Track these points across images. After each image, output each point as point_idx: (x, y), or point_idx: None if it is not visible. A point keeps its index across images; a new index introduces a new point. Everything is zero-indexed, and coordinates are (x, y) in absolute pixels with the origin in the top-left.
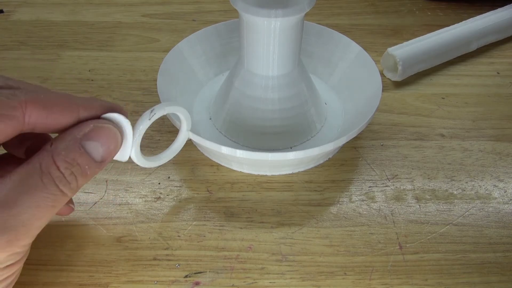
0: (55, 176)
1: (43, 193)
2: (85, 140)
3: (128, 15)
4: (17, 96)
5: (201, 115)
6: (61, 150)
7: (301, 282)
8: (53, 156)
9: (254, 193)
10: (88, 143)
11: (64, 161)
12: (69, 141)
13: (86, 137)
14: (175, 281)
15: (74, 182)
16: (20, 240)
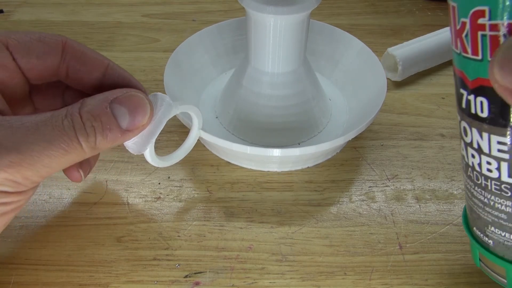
0: (75, 122)
1: (60, 132)
2: (115, 103)
3: (128, 15)
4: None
5: (207, 114)
6: (89, 104)
7: (301, 282)
8: (80, 107)
9: (254, 193)
10: (116, 106)
11: (88, 113)
12: (100, 100)
13: (116, 100)
14: (175, 281)
15: (92, 136)
16: (23, 167)
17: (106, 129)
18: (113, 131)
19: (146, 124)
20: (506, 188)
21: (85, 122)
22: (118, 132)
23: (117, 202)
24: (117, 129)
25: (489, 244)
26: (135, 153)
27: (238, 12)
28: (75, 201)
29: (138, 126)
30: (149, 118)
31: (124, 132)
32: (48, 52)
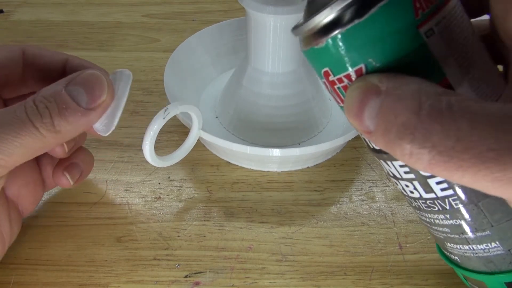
0: (27, 107)
1: (12, 117)
2: (70, 85)
3: (128, 15)
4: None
5: (207, 114)
6: (43, 91)
7: (301, 282)
8: (35, 95)
9: (254, 193)
10: (72, 87)
11: (42, 97)
12: (54, 84)
13: (71, 82)
14: (175, 281)
15: (47, 117)
16: None
17: (62, 109)
18: (71, 111)
19: (109, 101)
20: (431, 203)
21: (38, 104)
22: (78, 111)
23: (117, 202)
24: (76, 108)
25: (457, 261)
26: (105, 134)
27: (238, 12)
28: (75, 201)
29: (99, 103)
30: (109, 94)
31: (85, 111)
32: (10, 60)
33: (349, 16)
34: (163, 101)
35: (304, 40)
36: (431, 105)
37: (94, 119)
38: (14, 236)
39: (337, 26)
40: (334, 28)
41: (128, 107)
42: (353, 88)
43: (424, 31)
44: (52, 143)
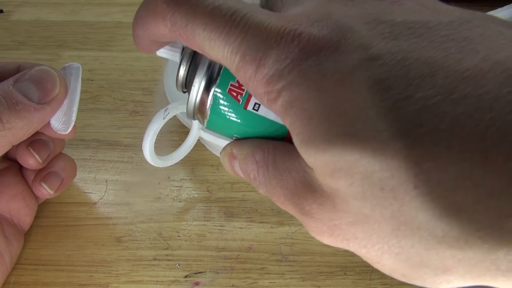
0: None
1: None
2: (19, 82)
3: (128, 15)
4: None
5: None
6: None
7: (301, 282)
8: None
9: (254, 193)
10: (21, 83)
11: None
12: (2, 83)
13: (20, 78)
14: (175, 281)
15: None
16: None
17: (11, 104)
18: (22, 105)
19: (62, 94)
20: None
21: None
22: (29, 106)
23: (117, 202)
24: (28, 103)
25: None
26: (66, 132)
27: None
28: (75, 201)
29: (52, 97)
30: (62, 87)
31: (38, 106)
32: None
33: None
34: (163, 101)
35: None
36: (261, 162)
37: (49, 114)
38: (16, 250)
39: (201, 120)
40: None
41: (128, 107)
42: (222, 156)
43: (251, 108)
44: (4, 142)
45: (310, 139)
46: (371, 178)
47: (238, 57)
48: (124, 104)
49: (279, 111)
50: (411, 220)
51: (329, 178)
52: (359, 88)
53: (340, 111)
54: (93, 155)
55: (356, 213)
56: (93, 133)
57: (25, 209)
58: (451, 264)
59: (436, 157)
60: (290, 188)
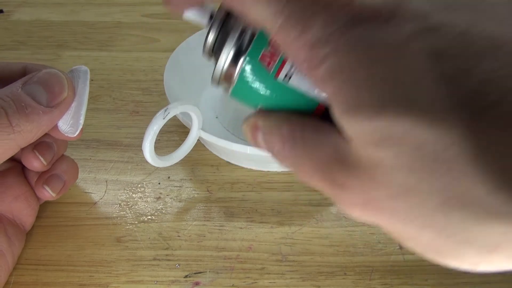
0: None
1: None
2: (27, 84)
3: (128, 15)
4: None
5: (207, 114)
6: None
7: (301, 282)
8: None
9: (254, 193)
10: (29, 86)
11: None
12: (10, 86)
13: (28, 81)
14: (175, 281)
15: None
16: None
17: (21, 107)
18: (31, 108)
19: (70, 98)
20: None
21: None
22: (38, 109)
23: (117, 202)
24: (36, 106)
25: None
26: (74, 134)
27: None
28: (75, 201)
29: (60, 100)
30: (70, 91)
31: (47, 110)
32: None
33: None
34: (163, 101)
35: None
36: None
37: (57, 117)
38: (18, 250)
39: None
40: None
41: (128, 107)
42: (244, 126)
43: (281, 78)
44: (13, 145)
45: (358, 107)
46: (423, 149)
47: (282, 18)
48: (124, 104)
49: (321, 78)
50: (465, 193)
51: (372, 148)
52: (417, 57)
53: (394, 79)
54: (93, 155)
55: (398, 186)
56: (93, 133)
57: (27, 210)
58: (500, 242)
59: (500, 130)
60: (321, 161)
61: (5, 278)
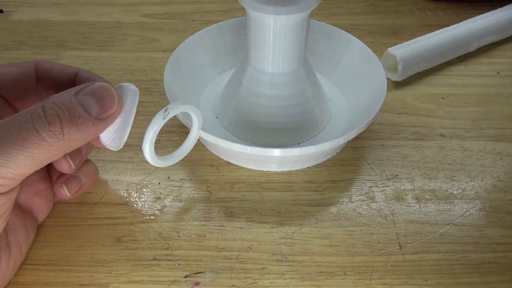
0: (34, 115)
1: (15, 129)
2: (80, 94)
3: (128, 15)
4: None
5: (207, 114)
6: (53, 97)
7: (301, 282)
8: (43, 102)
9: (254, 193)
10: (82, 96)
11: (52, 103)
12: (64, 93)
13: (81, 91)
14: (175, 281)
15: (56, 125)
16: None
17: (74, 117)
18: (83, 119)
19: (117, 113)
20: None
21: (48, 111)
22: (88, 120)
23: (117, 202)
24: (87, 118)
25: None
26: (116, 149)
27: (238, 12)
28: (75, 201)
29: (109, 114)
30: (118, 106)
31: (95, 121)
32: (24, 75)
33: None
34: (163, 101)
35: None
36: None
37: (102, 130)
38: (31, 242)
39: None
40: None
41: None
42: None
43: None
44: (60, 151)
45: None
46: None
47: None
48: None
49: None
50: None
51: None
52: None
53: None
54: (93, 155)
55: None
56: None
57: (44, 205)
58: None
59: None
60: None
61: (16, 270)
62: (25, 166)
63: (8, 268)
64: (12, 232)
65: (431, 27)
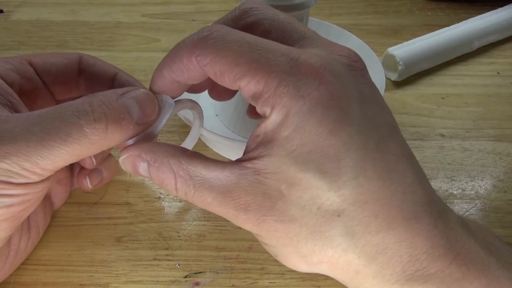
0: (81, 110)
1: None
2: (124, 97)
3: (128, 15)
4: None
5: (207, 112)
6: (99, 95)
7: (301, 282)
8: (90, 98)
9: None
10: (127, 100)
11: (100, 101)
12: (110, 92)
13: (125, 94)
14: (175, 281)
15: (101, 123)
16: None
17: (119, 118)
18: (126, 121)
19: (154, 121)
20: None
21: (96, 108)
22: (130, 123)
23: (117, 202)
24: (130, 120)
25: None
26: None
27: None
28: (75, 201)
29: (148, 121)
30: (157, 114)
31: (135, 125)
32: (67, 66)
33: None
34: None
35: None
36: (181, 177)
37: (136, 135)
38: (46, 225)
39: None
40: None
41: None
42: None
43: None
44: (98, 149)
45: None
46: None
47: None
48: None
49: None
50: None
51: (288, 186)
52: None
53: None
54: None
55: (289, 215)
56: None
57: (62, 193)
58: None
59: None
60: (223, 190)
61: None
62: (64, 159)
63: (26, 249)
64: (33, 215)
65: (431, 27)
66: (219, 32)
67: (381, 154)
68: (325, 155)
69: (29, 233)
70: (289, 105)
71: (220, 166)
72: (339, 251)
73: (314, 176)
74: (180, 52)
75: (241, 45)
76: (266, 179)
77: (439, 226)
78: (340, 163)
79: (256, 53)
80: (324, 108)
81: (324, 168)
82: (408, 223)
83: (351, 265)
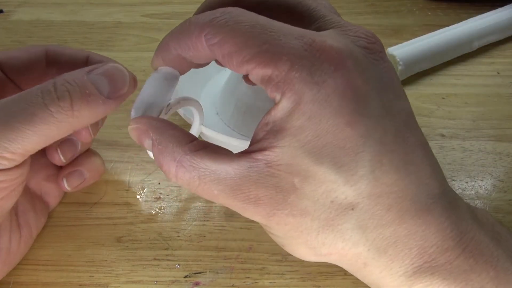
0: (44, 91)
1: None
2: (92, 73)
3: (128, 15)
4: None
5: (207, 111)
6: (65, 75)
7: (301, 282)
8: (55, 79)
9: None
10: (94, 76)
11: (63, 79)
12: (76, 71)
13: (93, 70)
14: (175, 281)
15: (65, 101)
16: None
17: (84, 94)
18: (93, 97)
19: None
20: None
21: (58, 87)
22: (98, 98)
23: (117, 202)
24: (98, 96)
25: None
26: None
27: None
28: (75, 201)
29: (120, 94)
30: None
31: (105, 100)
32: (32, 59)
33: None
34: None
35: None
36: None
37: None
38: (41, 226)
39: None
40: None
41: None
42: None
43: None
44: (68, 128)
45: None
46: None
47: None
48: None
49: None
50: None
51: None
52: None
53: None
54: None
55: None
56: None
57: (54, 191)
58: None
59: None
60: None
61: (26, 252)
62: (33, 141)
63: (19, 250)
64: (22, 214)
65: (431, 27)
66: (232, 13)
67: (398, 146)
68: (342, 148)
69: (20, 232)
70: (301, 92)
71: (228, 158)
72: (349, 244)
73: (330, 170)
74: (191, 28)
75: (254, 26)
76: (278, 172)
77: (451, 218)
78: (357, 156)
79: (268, 35)
80: (341, 97)
81: (340, 162)
82: (420, 216)
83: (360, 258)
